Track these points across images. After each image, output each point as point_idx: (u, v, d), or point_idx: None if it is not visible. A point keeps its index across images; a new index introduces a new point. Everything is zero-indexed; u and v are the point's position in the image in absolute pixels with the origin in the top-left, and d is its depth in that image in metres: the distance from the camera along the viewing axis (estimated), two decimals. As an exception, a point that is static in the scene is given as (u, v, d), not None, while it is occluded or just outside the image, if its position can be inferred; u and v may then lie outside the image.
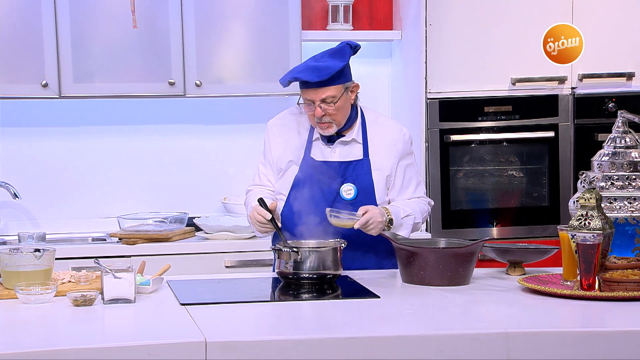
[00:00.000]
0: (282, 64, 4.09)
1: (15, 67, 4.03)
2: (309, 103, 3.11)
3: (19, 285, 2.67)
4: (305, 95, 3.12)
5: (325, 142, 3.20)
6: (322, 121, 3.12)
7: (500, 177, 4.36)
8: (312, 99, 3.10)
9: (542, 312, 2.60)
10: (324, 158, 3.19)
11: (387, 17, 4.59)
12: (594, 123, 4.33)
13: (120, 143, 4.42)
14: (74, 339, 2.33)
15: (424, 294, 2.81)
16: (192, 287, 2.93)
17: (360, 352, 2.33)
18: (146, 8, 4.10)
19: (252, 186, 3.32)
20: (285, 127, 3.25)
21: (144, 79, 4.14)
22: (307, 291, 2.87)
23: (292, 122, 3.25)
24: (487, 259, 3.20)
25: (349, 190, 3.17)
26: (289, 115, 3.28)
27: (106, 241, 4.19)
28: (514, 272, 3.08)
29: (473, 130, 4.29)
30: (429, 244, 3.14)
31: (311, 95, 3.09)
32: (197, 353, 2.26)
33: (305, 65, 3.11)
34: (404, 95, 4.48)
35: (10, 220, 4.33)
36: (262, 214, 3.07)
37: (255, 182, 3.32)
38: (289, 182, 3.19)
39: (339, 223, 3.04)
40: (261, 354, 2.29)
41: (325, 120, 3.12)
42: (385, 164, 3.20)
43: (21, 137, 4.35)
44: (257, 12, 4.22)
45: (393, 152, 3.22)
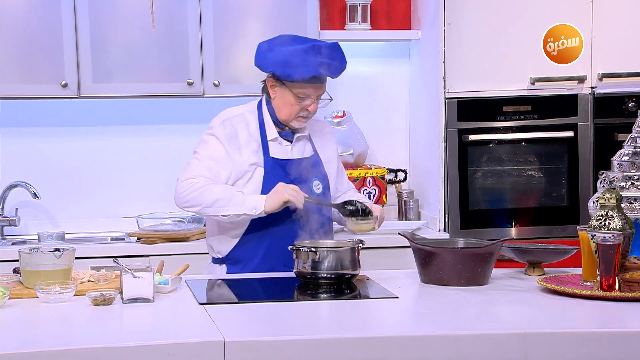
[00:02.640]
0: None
1: (35, 67, 4.05)
2: (305, 97, 3.11)
3: (38, 285, 2.69)
4: (305, 89, 3.10)
5: (284, 140, 3.18)
6: (306, 116, 3.15)
7: (518, 177, 4.34)
8: (310, 94, 3.11)
9: (561, 313, 2.59)
10: (286, 156, 3.18)
11: (405, 17, 4.59)
12: (613, 123, 4.30)
13: (139, 143, 4.44)
14: (93, 338, 2.34)
15: (442, 294, 2.80)
16: (211, 286, 2.94)
17: (379, 352, 2.32)
18: (165, 8, 4.11)
19: (201, 179, 3.08)
20: (238, 128, 3.17)
21: (163, 79, 4.16)
22: (325, 291, 2.87)
23: (241, 123, 3.18)
24: (505, 259, 3.19)
25: (318, 185, 3.22)
26: (237, 116, 3.19)
27: (125, 241, 4.21)
28: (533, 273, 3.07)
29: (491, 130, 4.28)
30: (447, 244, 3.14)
31: (312, 90, 3.11)
32: (216, 353, 2.26)
33: (318, 61, 3.07)
34: (422, 95, 4.47)
35: (29, 219, 4.35)
36: (295, 188, 3.03)
37: (201, 175, 3.09)
38: (257, 184, 3.14)
39: (359, 229, 3.05)
40: (279, 354, 2.29)
41: (310, 115, 3.15)
42: (330, 155, 3.30)
43: (41, 137, 4.37)
44: (276, 12, 4.22)
45: (333, 143, 3.33)
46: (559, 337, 2.38)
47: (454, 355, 2.34)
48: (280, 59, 3.09)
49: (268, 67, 3.14)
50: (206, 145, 3.16)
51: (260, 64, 3.17)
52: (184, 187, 3.10)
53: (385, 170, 4.52)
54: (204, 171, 3.11)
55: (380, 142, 4.65)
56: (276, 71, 3.11)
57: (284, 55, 3.08)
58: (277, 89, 3.15)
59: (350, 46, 4.57)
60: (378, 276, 3.05)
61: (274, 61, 3.10)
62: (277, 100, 3.16)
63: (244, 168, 3.14)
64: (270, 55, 3.12)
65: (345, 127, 4.46)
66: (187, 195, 3.09)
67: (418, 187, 4.54)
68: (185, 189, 3.10)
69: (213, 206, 3.06)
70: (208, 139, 3.17)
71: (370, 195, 4.45)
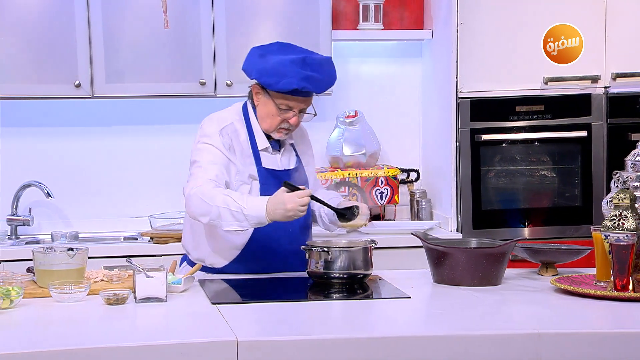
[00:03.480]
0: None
1: (49, 67, 4.06)
2: (287, 109, 3.05)
3: (52, 284, 2.70)
4: (287, 101, 3.03)
5: (272, 151, 3.11)
6: (288, 128, 3.08)
7: (531, 177, 4.32)
8: (293, 106, 3.04)
9: (574, 313, 2.58)
10: (277, 167, 3.12)
11: (417, 17, 4.58)
12: (627, 122, 4.28)
13: (152, 143, 4.45)
14: (107, 338, 2.35)
15: (454, 294, 2.80)
16: (223, 286, 2.94)
17: (391, 352, 2.32)
18: (177, 8, 4.12)
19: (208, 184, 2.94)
20: (232, 137, 3.06)
21: (175, 79, 4.16)
22: (338, 291, 2.87)
23: (234, 133, 3.08)
24: (518, 259, 3.18)
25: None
26: (229, 125, 3.08)
27: (137, 240, 4.22)
28: (546, 273, 3.06)
29: (504, 130, 4.27)
30: (460, 244, 3.13)
31: (295, 103, 3.04)
32: (229, 352, 2.27)
33: (304, 74, 2.98)
34: (435, 95, 4.47)
35: (43, 219, 4.37)
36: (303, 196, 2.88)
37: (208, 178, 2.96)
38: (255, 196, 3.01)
39: (349, 224, 3.03)
40: (292, 354, 2.29)
41: (292, 128, 3.10)
42: (309, 157, 3.28)
43: (54, 137, 4.39)
44: (288, 12, 4.22)
45: (308, 141, 3.29)
46: (572, 338, 2.37)
47: (467, 355, 2.34)
48: (266, 67, 3.00)
49: (252, 74, 3.05)
50: (205, 152, 3.03)
51: (247, 68, 3.08)
52: (192, 199, 2.94)
53: (398, 170, 4.51)
54: (210, 175, 2.98)
55: (393, 142, 4.65)
56: (259, 79, 3.02)
57: (271, 63, 3.00)
58: (261, 97, 3.07)
59: (363, 46, 4.59)
60: (390, 276, 3.05)
61: (260, 68, 3.01)
62: (260, 109, 3.08)
63: (242, 179, 3.06)
64: (259, 62, 3.03)
65: (358, 127, 4.46)
66: (197, 205, 2.93)
67: (430, 187, 4.53)
68: (193, 200, 2.94)
69: (218, 219, 2.91)
70: (206, 148, 3.03)
71: (383, 195, 4.44)
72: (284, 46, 3.11)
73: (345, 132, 4.45)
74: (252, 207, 2.89)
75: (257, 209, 2.89)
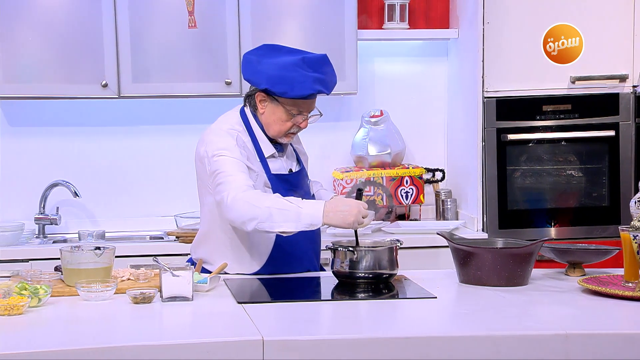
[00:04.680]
0: (338, 64, 4.08)
1: (76, 68, 4.09)
2: (298, 114, 3.01)
3: (79, 283, 2.71)
4: (300, 106, 3.00)
5: (278, 154, 3.08)
6: (296, 132, 3.07)
7: (558, 176, 4.30)
8: (303, 110, 3.02)
9: (602, 314, 2.56)
10: (284, 170, 3.10)
11: (443, 16, 4.57)
12: (656, 122, 4.25)
13: (177, 142, 4.46)
14: (134, 336, 2.36)
15: (481, 295, 2.79)
16: (249, 285, 2.95)
17: (417, 352, 2.31)
18: (203, 8, 4.14)
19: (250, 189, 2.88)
20: (242, 147, 3.00)
21: (201, 79, 4.18)
22: (363, 290, 2.86)
23: (242, 143, 3.01)
24: (545, 260, 3.16)
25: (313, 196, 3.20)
26: (238, 136, 3.01)
27: (163, 239, 4.24)
28: (574, 273, 3.04)
29: (531, 130, 4.24)
30: (486, 243, 3.12)
31: (306, 106, 3.02)
32: (255, 352, 2.27)
33: (313, 77, 2.94)
34: (461, 94, 4.45)
35: (70, 218, 4.40)
36: (367, 208, 2.87)
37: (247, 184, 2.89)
38: None
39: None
40: (318, 354, 2.29)
41: (298, 131, 3.08)
42: (306, 159, 3.26)
43: (81, 137, 4.42)
44: (313, 11, 4.23)
45: (304, 148, 3.28)
46: (600, 339, 2.35)
47: (494, 355, 2.32)
48: (274, 75, 2.94)
49: (261, 83, 2.97)
50: (228, 164, 2.93)
51: (251, 78, 3.00)
52: (238, 203, 2.83)
53: (423, 170, 4.50)
54: (248, 182, 2.89)
55: (418, 142, 4.63)
56: (272, 87, 2.95)
57: (275, 69, 2.94)
58: (268, 104, 3.01)
59: (388, 45, 4.58)
60: (416, 276, 3.04)
61: (269, 76, 2.94)
62: (267, 116, 3.02)
63: (258, 186, 3.00)
64: (260, 69, 2.96)
65: (383, 126, 4.46)
66: (244, 209, 2.82)
67: (456, 187, 4.52)
68: (239, 204, 2.83)
69: (268, 221, 2.83)
70: (226, 160, 2.93)
71: (408, 194, 4.43)
72: (273, 48, 3.04)
73: (370, 132, 4.44)
74: (308, 206, 2.85)
75: (313, 208, 2.83)
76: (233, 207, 2.86)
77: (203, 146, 3.04)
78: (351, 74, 4.24)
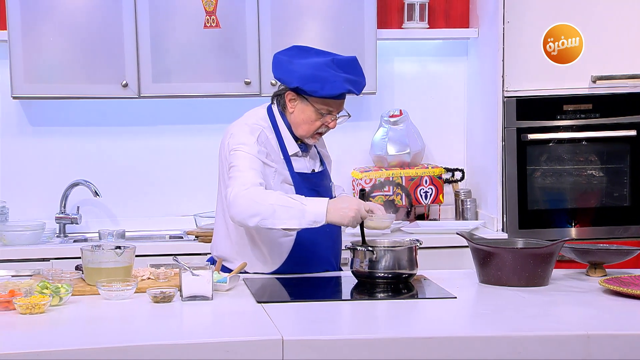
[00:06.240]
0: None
1: (97, 68, 4.12)
2: (327, 113, 3.03)
3: (100, 282, 2.73)
4: (330, 105, 3.01)
5: (302, 154, 3.09)
6: (324, 132, 3.08)
7: (579, 176, 4.27)
8: (332, 109, 3.03)
9: (624, 315, 2.55)
10: (307, 169, 3.11)
11: (463, 15, 4.55)
12: (678, 121, 4.22)
13: (197, 142, 4.48)
14: (154, 335, 2.37)
15: (501, 295, 2.78)
16: (268, 285, 2.95)
17: (437, 353, 2.31)
18: (223, 9, 4.15)
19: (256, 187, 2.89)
20: (265, 143, 3.02)
21: (221, 79, 4.19)
22: (383, 290, 2.86)
23: (266, 139, 3.04)
24: (566, 260, 3.14)
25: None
26: (262, 133, 3.03)
27: (183, 239, 4.25)
28: (595, 274, 3.02)
29: (551, 129, 4.22)
30: (506, 244, 3.10)
31: (335, 106, 3.03)
32: (275, 351, 2.27)
33: (344, 77, 2.97)
34: (480, 94, 4.43)
35: (90, 217, 4.42)
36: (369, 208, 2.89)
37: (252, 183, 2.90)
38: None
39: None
40: (338, 353, 2.29)
41: (326, 132, 3.09)
42: (329, 161, 3.26)
43: (102, 136, 4.44)
44: (333, 11, 4.23)
45: (327, 150, 3.27)
46: (622, 339, 2.34)
47: (515, 356, 2.31)
48: (306, 74, 2.96)
49: (293, 82, 2.98)
50: (243, 159, 2.96)
51: (282, 77, 3.03)
52: (239, 200, 2.86)
53: (443, 170, 4.49)
54: (255, 180, 2.91)
55: (438, 141, 4.62)
56: (303, 86, 2.96)
57: (306, 68, 2.96)
58: (297, 104, 3.03)
59: (408, 45, 4.58)
60: (436, 276, 3.03)
61: (300, 75, 2.96)
62: (297, 115, 3.04)
63: (278, 185, 3.02)
64: (292, 68, 2.99)
65: (402, 126, 4.45)
66: (246, 206, 2.85)
67: (475, 187, 4.50)
68: (241, 201, 2.85)
69: (271, 217, 2.85)
70: (243, 155, 2.96)
71: (427, 194, 4.42)
72: (302, 49, 3.08)
73: (389, 132, 4.44)
74: (311, 203, 2.87)
75: (317, 205, 2.85)
76: (234, 204, 2.88)
77: (227, 138, 3.08)
78: (371, 73, 4.23)
